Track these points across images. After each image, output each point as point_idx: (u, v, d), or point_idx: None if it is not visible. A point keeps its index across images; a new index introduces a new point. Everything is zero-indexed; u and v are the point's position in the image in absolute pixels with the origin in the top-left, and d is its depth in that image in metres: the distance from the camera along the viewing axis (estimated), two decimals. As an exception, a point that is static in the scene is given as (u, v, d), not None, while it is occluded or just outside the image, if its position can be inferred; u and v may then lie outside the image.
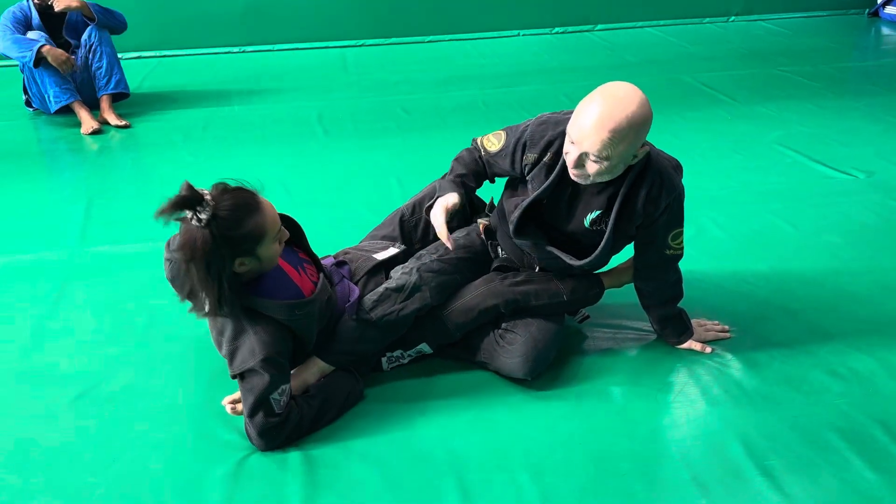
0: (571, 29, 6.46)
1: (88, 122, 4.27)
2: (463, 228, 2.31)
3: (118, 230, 3.12)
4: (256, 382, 1.84)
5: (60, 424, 2.02)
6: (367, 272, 2.18)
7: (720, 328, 2.29)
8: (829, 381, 2.10)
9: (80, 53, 4.37)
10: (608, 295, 2.32)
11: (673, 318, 2.22)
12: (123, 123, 4.35)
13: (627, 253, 2.26)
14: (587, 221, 2.05)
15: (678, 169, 2.06)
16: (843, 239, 2.88)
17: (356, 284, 2.15)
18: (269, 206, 1.83)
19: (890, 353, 2.21)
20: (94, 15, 4.35)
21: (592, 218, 2.04)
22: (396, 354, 2.15)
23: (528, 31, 6.41)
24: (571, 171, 1.92)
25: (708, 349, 2.22)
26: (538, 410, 2.02)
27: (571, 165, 1.90)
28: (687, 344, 2.23)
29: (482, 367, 2.16)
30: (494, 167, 2.15)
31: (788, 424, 1.94)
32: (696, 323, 2.26)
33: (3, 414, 2.07)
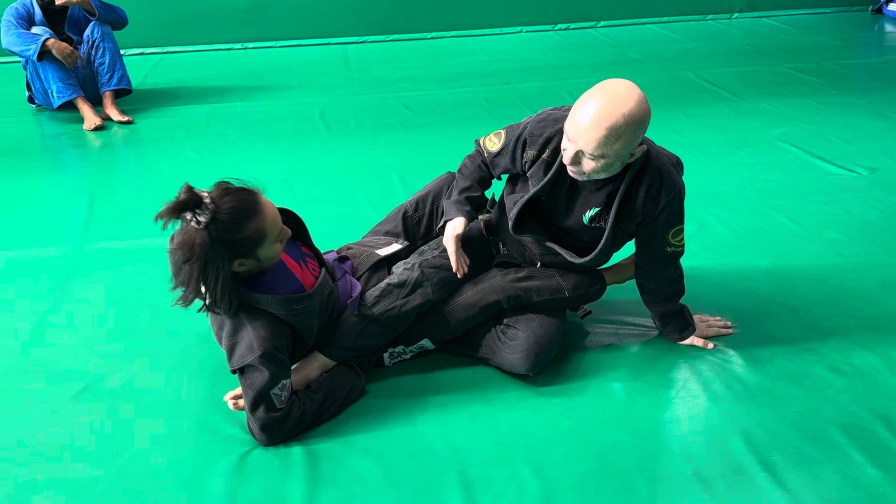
0: (574, 25, 6.46)
1: (91, 118, 4.27)
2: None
3: (120, 226, 3.12)
4: (256, 378, 1.84)
5: (63, 419, 2.02)
6: (369, 268, 2.18)
7: (722, 324, 2.29)
8: (831, 376, 2.10)
9: (82, 49, 4.38)
10: (610, 291, 2.32)
11: (675, 314, 2.21)
12: (126, 119, 4.36)
13: (629, 249, 2.26)
14: (586, 218, 2.05)
15: (679, 166, 2.06)
16: (845, 235, 2.87)
17: (358, 280, 2.15)
18: (270, 207, 1.81)
19: (892, 348, 2.20)
20: (94, 10, 4.35)
21: (591, 215, 2.04)
22: (398, 350, 2.15)
23: (530, 27, 6.41)
24: (568, 167, 1.92)
25: (710, 345, 2.22)
26: (540, 406, 2.02)
27: (567, 162, 1.90)
28: (689, 340, 2.23)
29: (484, 362, 2.16)
30: (497, 167, 2.15)
31: (790, 420, 1.94)
32: (698, 319, 2.26)
33: (5, 409, 2.08)
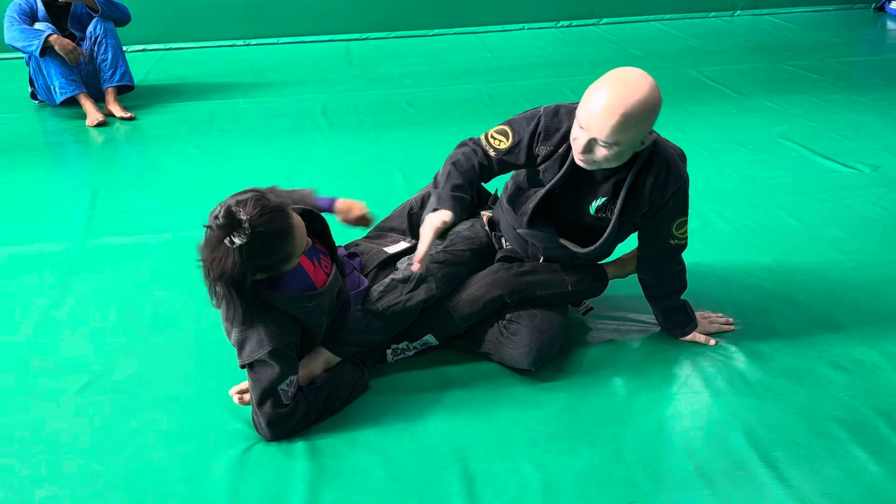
0: (576, 23, 6.45)
1: (93, 114, 4.28)
2: (467, 220, 2.31)
3: (123, 221, 3.13)
4: (265, 373, 1.85)
5: (66, 414, 2.03)
6: (377, 265, 2.18)
7: (724, 320, 2.30)
8: (832, 373, 2.10)
9: (85, 45, 4.38)
10: (612, 287, 2.33)
11: (677, 309, 2.22)
12: (128, 116, 4.36)
13: (631, 244, 2.26)
14: (593, 209, 2.05)
15: (683, 158, 2.06)
16: (847, 232, 2.87)
17: (366, 277, 2.15)
18: (300, 228, 1.80)
19: (893, 345, 2.20)
20: (97, 6, 4.35)
21: (598, 205, 2.04)
22: (402, 346, 2.15)
23: (532, 24, 6.40)
24: (578, 156, 1.91)
25: (712, 341, 2.22)
26: (541, 401, 2.02)
27: (579, 150, 1.89)
28: (691, 336, 2.23)
29: (486, 358, 2.17)
30: (506, 164, 2.06)
31: (792, 416, 1.94)
32: (700, 315, 2.26)
33: (9, 403, 2.08)
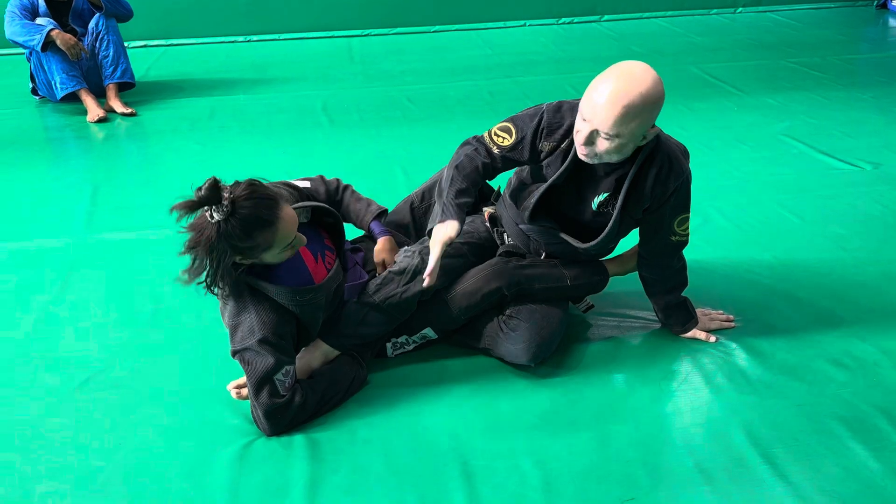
0: (578, 19, 6.44)
1: (94, 109, 4.28)
2: (469, 216, 2.31)
3: (124, 217, 3.13)
4: (257, 362, 1.84)
5: (66, 409, 2.03)
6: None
7: (725, 317, 2.29)
8: (832, 370, 2.10)
9: (86, 41, 4.38)
10: (612, 284, 2.32)
11: (677, 306, 2.22)
12: (129, 111, 4.36)
13: (632, 240, 2.26)
14: (595, 204, 2.05)
15: (685, 154, 2.06)
16: (848, 230, 2.87)
17: (367, 272, 2.15)
18: (286, 222, 1.77)
19: (894, 342, 2.20)
20: (100, 3, 4.35)
21: (600, 200, 2.04)
22: (401, 340, 2.15)
23: (534, 21, 6.39)
24: (580, 148, 1.91)
25: (712, 338, 2.22)
26: (542, 397, 2.02)
27: (581, 142, 1.88)
28: (691, 333, 2.23)
29: (486, 353, 2.17)
30: (510, 161, 2.07)
31: (792, 413, 1.94)
32: (700, 312, 2.26)
33: (9, 398, 2.08)
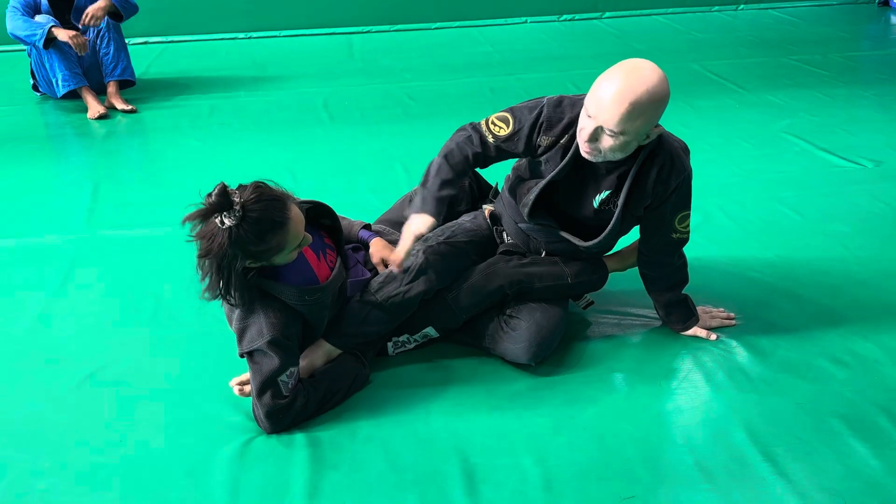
0: (579, 16, 6.43)
1: (95, 106, 4.28)
2: (469, 213, 2.31)
3: (125, 214, 3.13)
4: (265, 363, 1.85)
5: (67, 406, 2.03)
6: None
7: (725, 315, 2.29)
8: (833, 368, 2.10)
9: (88, 38, 4.37)
10: (613, 281, 2.32)
11: (678, 304, 2.21)
12: (130, 108, 4.36)
13: (631, 237, 2.26)
14: (596, 202, 2.05)
15: (686, 151, 2.06)
16: (850, 228, 2.86)
17: (369, 271, 2.15)
18: (296, 222, 1.78)
19: (894, 340, 2.20)
20: (119, 11, 4.34)
21: (602, 198, 2.04)
22: (403, 339, 2.15)
23: (535, 17, 6.38)
24: (583, 145, 1.90)
25: (713, 336, 2.22)
26: (542, 396, 2.02)
27: (585, 139, 1.88)
28: (692, 331, 2.23)
29: (486, 352, 2.17)
30: (504, 151, 2.07)
31: (792, 411, 1.94)
32: (701, 310, 2.26)
33: (11, 395, 2.09)
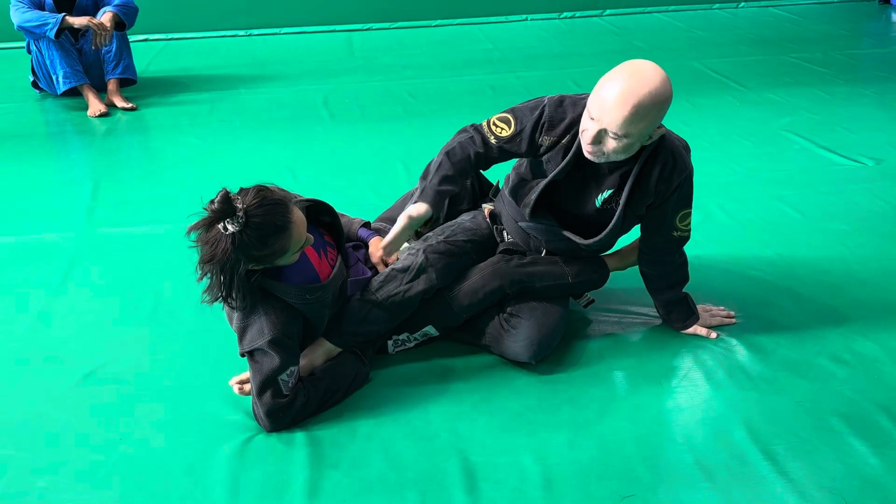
0: (580, 14, 6.42)
1: (95, 104, 4.28)
2: (469, 212, 2.31)
3: (125, 212, 3.13)
4: (265, 362, 1.85)
5: (67, 404, 2.03)
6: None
7: (726, 314, 2.29)
8: (833, 366, 2.10)
9: (89, 36, 4.35)
10: (613, 280, 2.32)
11: (678, 302, 2.21)
12: (130, 106, 4.36)
13: (631, 236, 2.25)
14: (598, 201, 2.04)
15: (687, 149, 2.06)
16: (850, 226, 2.86)
17: (369, 269, 2.15)
18: (299, 223, 1.78)
19: (895, 339, 2.20)
20: (123, 21, 4.34)
21: (604, 198, 2.03)
22: (403, 337, 2.15)
23: (535, 15, 6.38)
24: (586, 147, 1.89)
25: (713, 334, 2.22)
26: (542, 394, 2.02)
27: (588, 141, 1.87)
28: (692, 329, 2.23)
29: (487, 350, 2.17)
30: (506, 152, 2.07)
31: (793, 410, 1.94)
32: (701, 308, 2.26)
33: (10, 393, 2.08)
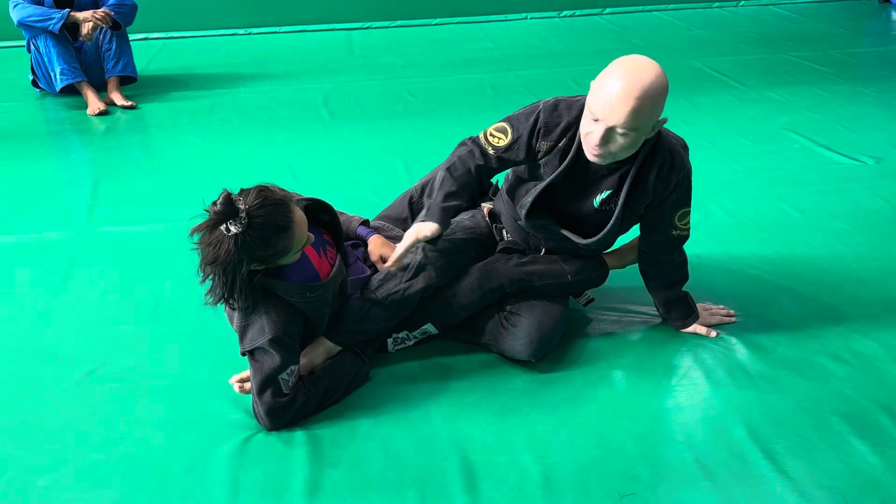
0: (579, 12, 6.42)
1: (95, 102, 4.27)
2: (468, 211, 2.31)
3: (124, 210, 3.13)
4: (266, 361, 1.85)
5: (67, 403, 2.03)
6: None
7: (725, 312, 2.29)
8: (833, 365, 2.10)
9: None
10: (613, 279, 2.32)
11: (678, 301, 2.21)
12: (129, 104, 4.35)
13: (631, 234, 2.25)
14: (597, 202, 2.04)
15: (685, 148, 2.06)
16: (850, 225, 2.86)
17: (368, 268, 2.15)
18: (300, 222, 1.79)
19: (895, 338, 2.20)
20: (118, 23, 4.33)
21: (603, 198, 2.03)
22: (402, 336, 2.15)
23: (535, 14, 6.37)
24: (593, 149, 1.88)
25: (713, 333, 2.22)
26: (542, 392, 2.02)
27: (596, 143, 1.85)
28: (692, 328, 2.23)
29: (487, 349, 2.17)
30: (506, 161, 2.07)
31: (792, 408, 1.94)
32: (701, 307, 2.26)
33: (10, 392, 2.09)
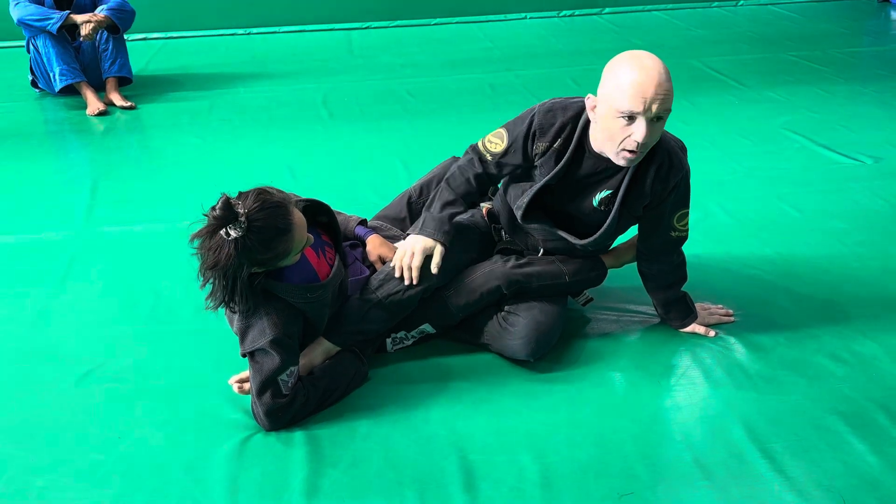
0: (579, 12, 6.42)
1: (94, 103, 4.27)
2: (468, 211, 2.31)
3: (124, 210, 3.13)
4: (266, 362, 1.85)
5: (66, 402, 2.03)
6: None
7: (724, 312, 2.29)
8: (832, 365, 2.10)
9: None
10: (612, 278, 2.32)
11: (677, 301, 2.21)
12: (129, 105, 4.35)
13: (628, 234, 2.25)
14: (596, 202, 2.05)
15: (683, 149, 2.06)
16: (849, 224, 2.86)
17: (367, 267, 2.15)
18: (300, 225, 1.80)
19: (893, 337, 2.20)
20: (117, 26, 4.33)
21: (602, 198, 2.03)
22: (400, 335, 2.15)
23: (534, 13, 6.37)
24: (632, 147, 1.84)
25: (712, 333, 2.22)
26: (541, 392, 2.03)
27: (640, 138, 1.81)
28: (691, 327, 2.23)
29: (485, 349, 2.17)
30: (504, 166, 2.08)
31: (791, 408, 1.94)
32: (700, 307, 2.26)
33: (9, 391, 2.09)
